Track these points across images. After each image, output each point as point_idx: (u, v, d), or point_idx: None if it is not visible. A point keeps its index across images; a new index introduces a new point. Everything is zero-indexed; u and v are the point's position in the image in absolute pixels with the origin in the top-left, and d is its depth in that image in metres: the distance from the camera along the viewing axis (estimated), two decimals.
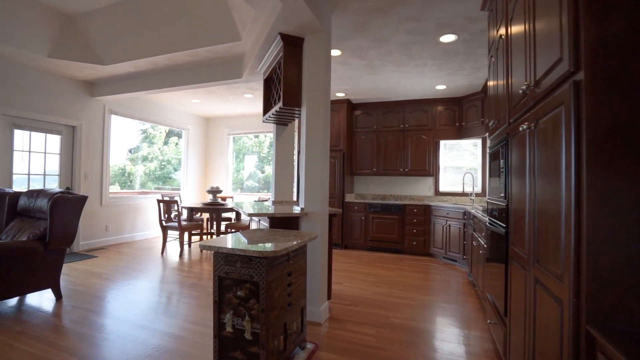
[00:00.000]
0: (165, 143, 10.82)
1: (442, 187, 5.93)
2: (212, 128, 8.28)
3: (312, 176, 2.78)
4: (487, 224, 2.53)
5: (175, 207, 5.23)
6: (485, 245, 2.69)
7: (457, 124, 5.54)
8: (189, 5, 3.56)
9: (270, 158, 9.30)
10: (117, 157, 9.46)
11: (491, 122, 2.41)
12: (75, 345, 2.40)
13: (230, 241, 1.97)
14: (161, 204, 5.24)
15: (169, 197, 6.19)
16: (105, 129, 5.83)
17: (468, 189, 5.60)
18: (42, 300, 3.25)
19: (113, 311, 3.01)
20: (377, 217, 5.66)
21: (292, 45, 2.95)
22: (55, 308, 3.06)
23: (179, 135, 8.49)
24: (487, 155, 2.85)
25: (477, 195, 5.51)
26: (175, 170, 10.22)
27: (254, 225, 3.76)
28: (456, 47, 3.62)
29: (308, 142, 2.79)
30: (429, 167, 5.72)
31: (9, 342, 2.45)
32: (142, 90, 5.09)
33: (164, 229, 5.30)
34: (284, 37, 2.90)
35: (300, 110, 2.99)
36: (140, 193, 7.45)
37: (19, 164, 4.79)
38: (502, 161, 2.03)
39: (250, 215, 2.50)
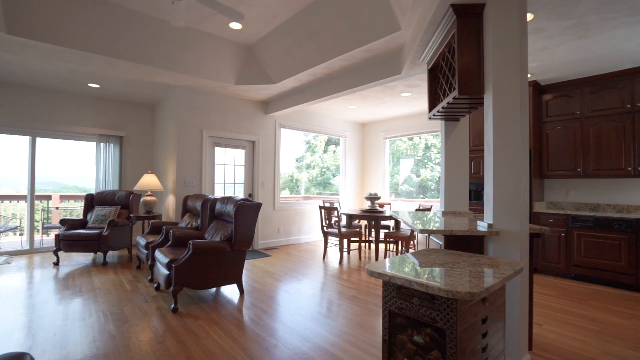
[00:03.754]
0: (325, 151, 11.62)
1: None
2: (368, 133, 8.24)
3: (504, 182, 2.08)
4: None
5: (335, 214, 5.29)
6: None
7: None
8: (347, 5, 3.43)
9: (425, 161, 8.55)
10: (287, 166, 10.76)
11: None
12: (251, 346, 2.51)
13: (402, 267, 1.57)
14: (322, 210, 5.41)
15: (329, 202, 6.40)
16: (276, 142, 6.55)
17: None
18: (230, 293, 3.72)
19: (282, 315, 3.11)
20: (586, 234, 4.15)
21: (468, 17, 2.34)
22: (238, 302, 3.42)
23: (337, 143, 8.84)
24: None
25: None
26: (334, 176, 10.79)
27: (419, 238, 3.26)
28: None
29: (497, 138, 2.11)
30: None
31: (206, 328, 2.80)
32: (305, 102, 5.40)
33: (325, 235, 5.45)
34: (457, 8, 2.32)
35: (482, 99, 2.33)
36: (304, 198, 8.10)
37: (219, 174, 5.87)
38: None
39: (422, 232, 2.04)
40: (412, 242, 5.36)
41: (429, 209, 5.21)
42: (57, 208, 6.77)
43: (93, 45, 3.85)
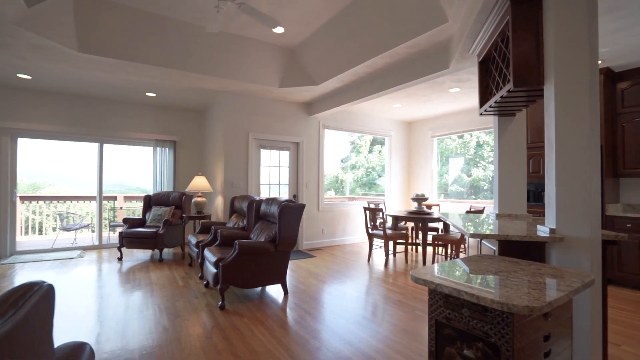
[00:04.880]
0: (370, 151, 11.44)
1: None
2: (414, 132, 7.95)
3: (569, 182, 1.86)
4: None
5: (380, 215, 5.17)
6: None
7: None
8: (388, 0, 3.32)
9: (477, 160, 8.03)
10: (331, 167, 10.77)
11: None
12: (294, 347, 2.51)
13: (450, 274, 1.46)
14: (367, 212, 5.31)
15: (374, 204, 6.26)
16: (320, 143, 6.57)
17: None
18: (275, 293, 3.78)
19: (325, 317, 3.09)
20: None
21: (524, 1, 2.13)
22: (282, 302, 3.46)
23: (382, 143, 8.64)
24: None
25: None
26: (380, 176, 10.57)
27: (470, 242, 3.05)
28: None
29: (560, 133, 1.89)
30: None
31: (251, 327, 2.86)
32: (348, 102, 5.34)
33: (370, 237, 5.34)
34: None
35: (541, 90, 2.11)
36: (349, 199, 8.02)
37: (264, 176, 6.03)
38: None
39: (473, 236, 1.88)
40: (462, 246, 5.05)
41: (481, 211, 4.87)
42: (121, 208, 7.43)
43: (150, 57, 4.15)
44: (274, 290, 3.85)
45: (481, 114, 2.86)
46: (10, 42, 3.59)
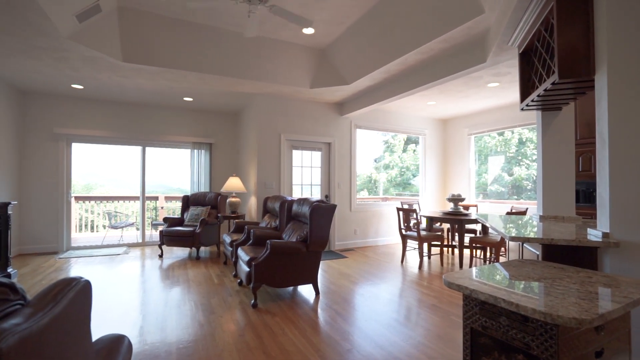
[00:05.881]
0: (404, 150, 11.19)
1: None
2: (449, 130, 7.66)
3: (626, 181, 1.68)
4: None
5: (414, 216, 5.02)
6: None
7: None
8: None
9: (520, 157, 7.57)
10: (364, 167, 10.66)
11: None
12: (325, 348, 2.50)
13: (487, 279, 1.37)
14: (400, 213, 5.18)
15: (408, 204, 6.10)
16: (352, 142, 6.52)
17: None
18: (307, 293, 3.79)
19: (356, 319, 3.04)
20: None
21: None
22: (314, 303, 3.46)
23: (416, 142, 8.42)
24: None
25: None
26: (414, 176, 10.30)
27: (511, 245, 2.87)
28: None
29: (614, 127, 1.72)
30: None
31: (282, 326, 2.89)
32: (380, 101, 5.25)
33: (404, 238, 5.21)
34: None
35: (592, 81, 1.93)
36: (382, 199, 7.90)
37: (296, 176, 6.08)
38: None
39: (513, 239, 1.76)
40: (502, 250, 4.78)
41: (523, 212, 4.58)
42: (162, 207, 7.85)
43: (187, 63, 4.34)
44: (306, 291, 3.86)
45: (522, 109, 2.68)
46: (66, 55, 3.92)
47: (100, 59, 4.01)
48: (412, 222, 5.20)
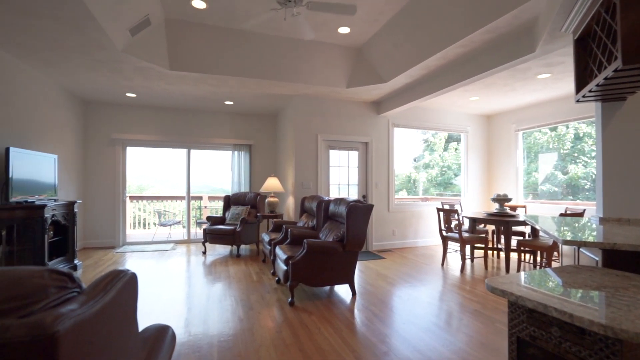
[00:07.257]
0: (445, 149, 10.76)
1: None
2: (494, 126, 7.24)
3: None
4: None
5: (456, 217, 4.80)
6: None
7: None
8: None
9: (576, 154, 6.94)
10: (403, 166, 10.40)
11: None
12: (360, 349, 2.47)
13: (536, 285, 1.27)
14: (441, 213, 4.99)
15: (449, 204, 5.86)
16: (390, 142, 6.39)
17: None
18: (343, 293, 3.77)
19: (394, 322, 2.97)
20: None
21: None
22: (350, 303, 3.43)
23: (458, 140, 8.06)
24: None
25: None
26: (456, 175, 9.87)
27: (565, 250, 2.64)
28: None
29: None
30: None
31: (318, 325, 2.90)
32: (418, 98, 5.09)
33: (444, 239, 5.01)
34: None
35: None
36: (422, 199, 7.66)
37: (333, 176, 6.09)
38: None
39: (566, 243, 1.62)
40: (554, 254, 4.42)
41: (580, 214, 4.20)
42: (205, 207, 8.24)
43: (229, 68, 4.52)
44: (342, 290, 3.85)
45: (578, 101, 2.46)
46: (121, 67, 4.25)
47: (150, 69, 4.30)
48: (454, 223, 4.98)
